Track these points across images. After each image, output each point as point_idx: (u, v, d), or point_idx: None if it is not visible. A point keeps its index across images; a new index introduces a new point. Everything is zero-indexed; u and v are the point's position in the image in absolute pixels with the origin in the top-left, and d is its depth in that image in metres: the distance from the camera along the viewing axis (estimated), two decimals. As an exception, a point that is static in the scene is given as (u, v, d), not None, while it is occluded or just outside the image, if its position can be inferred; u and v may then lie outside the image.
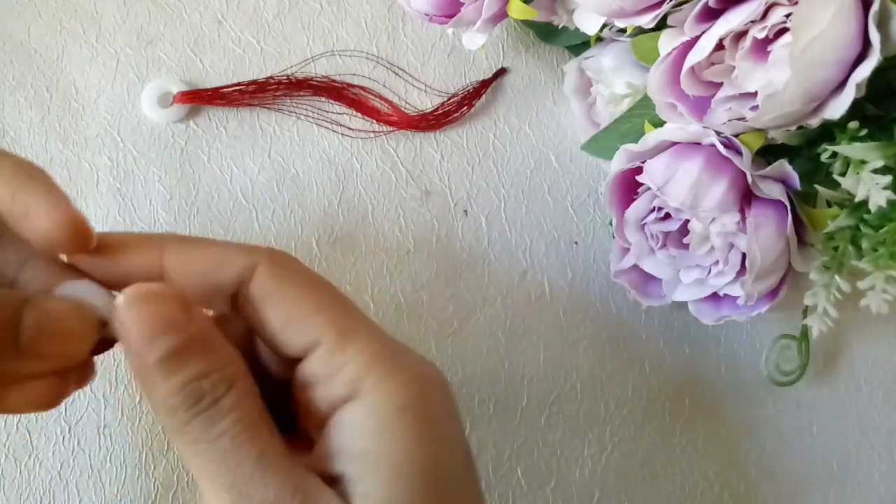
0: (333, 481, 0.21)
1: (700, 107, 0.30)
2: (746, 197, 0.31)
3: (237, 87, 0.39)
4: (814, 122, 0.27)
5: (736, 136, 0.30)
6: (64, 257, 0.22)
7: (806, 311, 0.36)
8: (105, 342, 0.22)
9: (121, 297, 0.20)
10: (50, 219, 0.21)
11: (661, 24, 0.30)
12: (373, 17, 0.41)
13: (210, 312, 0.25)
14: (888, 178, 0.26)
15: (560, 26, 0.35)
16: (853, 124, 0.27)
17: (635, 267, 0.35)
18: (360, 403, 0.21)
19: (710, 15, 0.28)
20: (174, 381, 0.20)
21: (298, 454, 0.22)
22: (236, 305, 0.23)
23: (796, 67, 0.25)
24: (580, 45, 0.39)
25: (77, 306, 0.21)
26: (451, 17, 0.35)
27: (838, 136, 0.28)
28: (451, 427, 0.23)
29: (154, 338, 0.20)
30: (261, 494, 0.20)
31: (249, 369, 0.22)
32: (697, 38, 0.28)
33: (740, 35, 0.28)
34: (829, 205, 0.30)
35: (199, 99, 0.38)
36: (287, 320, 0.22)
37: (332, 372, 0.22)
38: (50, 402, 0.22)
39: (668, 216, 0.33)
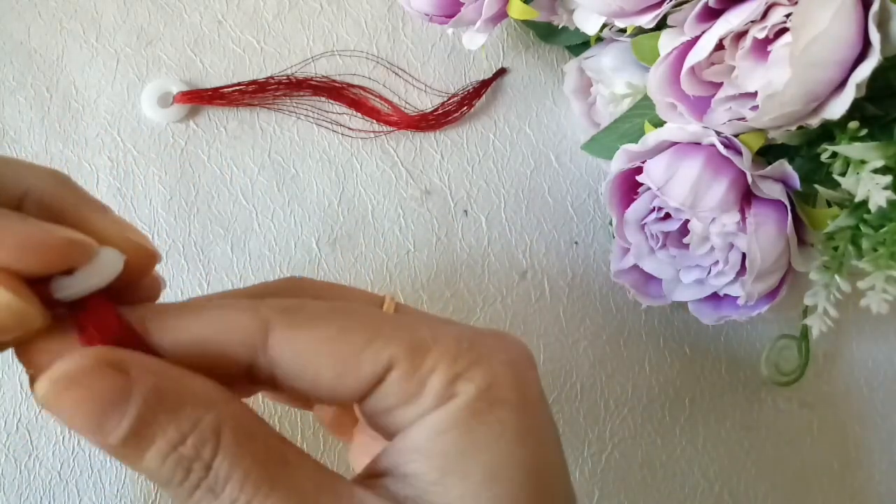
0: (397, 478, 0.19)
1: (700, 107, 0.30)
2: (746, 197, 0.31)
3: (237, 87, 0.39)
4: (814, 122, 0.27)
5: (736, 136, 0.30)
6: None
7: (806, 311, 0.36)
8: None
9: (42, 385, 0.16)
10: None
11: (661, 24, 0.30)
12: (373, 17, 0.41)
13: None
14: (888, 178, 0.26)
15: (560, 26, 0.35)
16: (853, 124, 0.27)
17: (635, 267, 0.35)
18: (447, 410, 0.19)
19: (710, 15, 0.28)
20: (150, 457, 0.17)
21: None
22: (256, 376, 0.19)
23: (796, 67, 0.25)
24: (580, 45, 0.39)
25: None
26: (451, 17, 0.35)
27: (838, 136, 0.28)
28: (546, 411, 0.20)
29: (102, 424, 0.16)
30: None
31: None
32: (697, 38, 0.28)
33: (740, 35, 0.28)
34: (829, 205, 0.30)
35: (199, 99, 0.38)
36: (340, 367, 0.18)
37: (414, 393, 0.19)
38: None
39: (668, 216, 0.33)
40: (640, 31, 0.31)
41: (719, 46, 0.28)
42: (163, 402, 0.17)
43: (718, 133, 0.30)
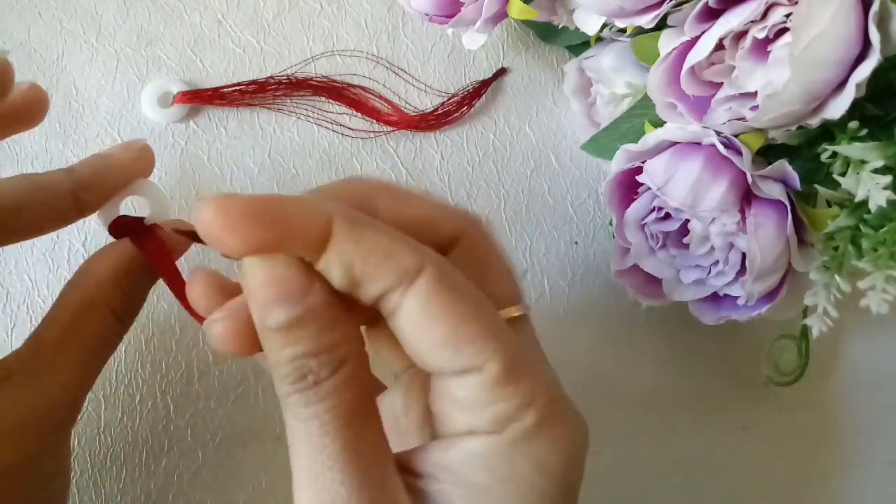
0: (421, 490, 0.20)
1: (700, 107, 0.30)
2: (746, 197, 0.31)
3: (237, 87, 0.39)
4: (814, 122, 0.27)
5: (736, 136, 0.30)
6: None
7: (806, 311, 0.36)
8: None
9: (250, 257, 0.20)
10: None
11: (661, 24, 0.30)
12: (373, 17, 0.41)
13: None
14: (888, 178, 0.26)
15: (560, 26, 0.35)
16: (853, 124, 0.27)
17: (635, 267, 0.35)
18: (498, 441, 0.20)
19: (710, 15, 0.28)
20: (285, 352, 0.19)
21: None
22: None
23: (796, 67, 0.25)
24: (580, 45, 0.39)
25: None
26: (451, 17, 0.35)
27: (838, 136, 0.28)
28: (576, 494, 0.22)
29: (274, 304, 0.19)
30: (335, 489, 0.19)
31: None
32: (697, 38, 0.28)
33: (740, 35, 0.28)
34: (829, 205, 0.30)
35: (199, 99, 0.38)
36: (445, 339, 0.19)
37: (482, 404, 0.20)
38: None
39: (668, 216, 0.33)
40: (640, 31, 0.31)
41: (719, 46, 0.28)
42: (320, 318, 0.19)
43: (718, 133, 0.30)
